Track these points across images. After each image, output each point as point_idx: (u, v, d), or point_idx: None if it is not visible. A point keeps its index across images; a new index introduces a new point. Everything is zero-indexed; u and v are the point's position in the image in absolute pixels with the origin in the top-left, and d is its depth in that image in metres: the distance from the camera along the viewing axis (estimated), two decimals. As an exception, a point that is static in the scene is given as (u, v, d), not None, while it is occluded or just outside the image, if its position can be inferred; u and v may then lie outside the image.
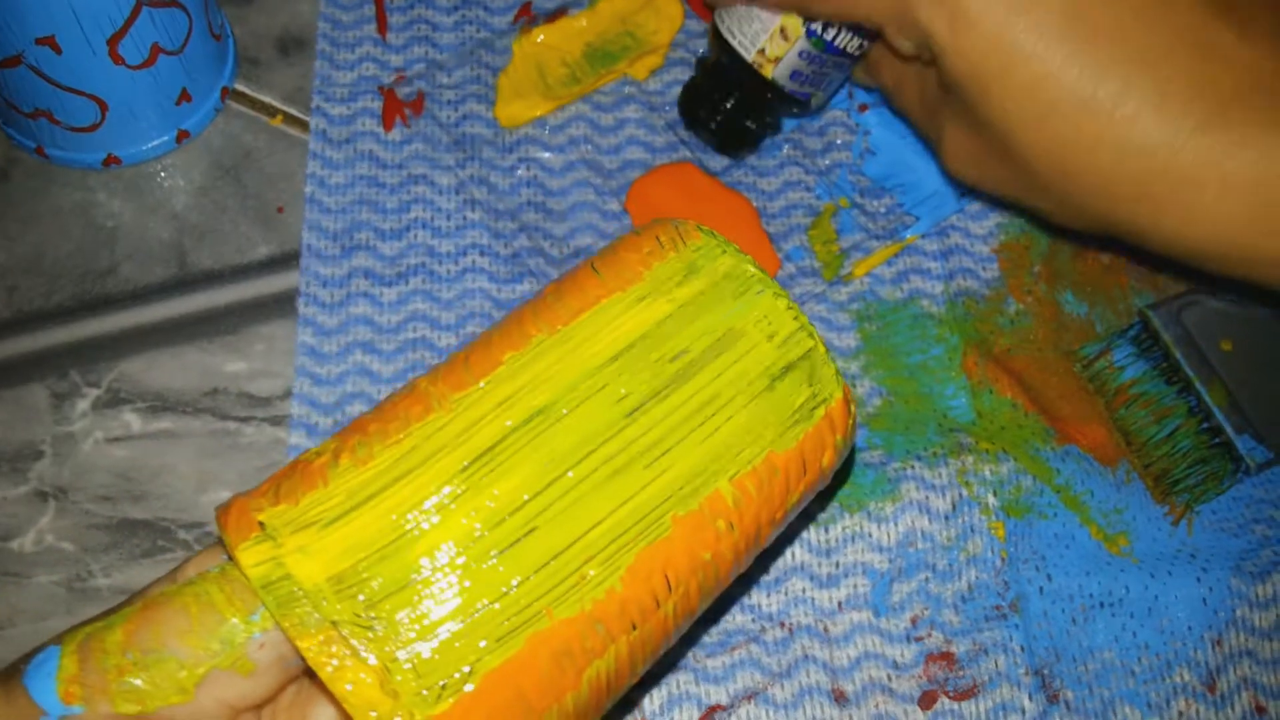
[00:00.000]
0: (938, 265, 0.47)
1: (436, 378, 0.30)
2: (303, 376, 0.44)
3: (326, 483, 0.27)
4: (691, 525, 0.29)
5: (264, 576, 0.26)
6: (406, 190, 0.47)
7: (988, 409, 0.44)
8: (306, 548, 0.26)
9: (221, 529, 0.27)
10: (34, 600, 0.41)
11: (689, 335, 0.30)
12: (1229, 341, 0.43)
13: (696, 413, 0.29)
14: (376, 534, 0.27)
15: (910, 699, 0.41)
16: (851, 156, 0.48)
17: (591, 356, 0.29)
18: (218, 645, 0.27)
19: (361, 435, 0.29)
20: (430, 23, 0.50)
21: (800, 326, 0.31)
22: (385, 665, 0.25)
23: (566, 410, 0.29)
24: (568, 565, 0.27)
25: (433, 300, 0.45)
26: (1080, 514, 0.43)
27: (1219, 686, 0.41)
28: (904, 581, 0.42)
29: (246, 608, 0.27)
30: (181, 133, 0.47)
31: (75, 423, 0.43)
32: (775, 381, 0.30)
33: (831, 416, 0.31)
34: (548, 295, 0.32)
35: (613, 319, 0.30)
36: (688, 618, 0.30)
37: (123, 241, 0.46)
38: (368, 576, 0.26)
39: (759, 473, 0.30)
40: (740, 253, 0.32)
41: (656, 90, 0.49)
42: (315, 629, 0.25)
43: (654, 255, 0.32)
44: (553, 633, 0.27)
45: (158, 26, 0.42)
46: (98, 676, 0.26)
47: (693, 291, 0.31)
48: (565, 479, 0.28)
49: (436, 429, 0.28)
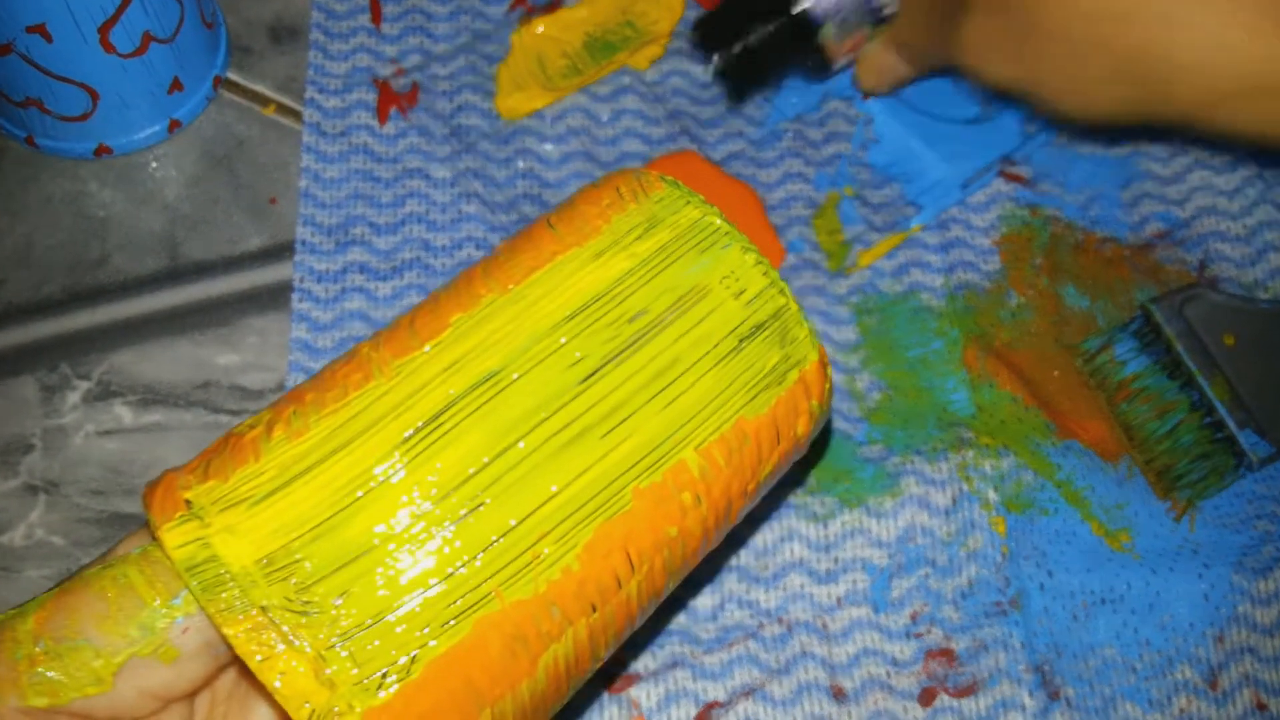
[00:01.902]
0: (938, 258, 0.46)
1: (379, 343, 0.28)
2: (296, 371, 0.43)
3: (258, 457, 0.25)
4: (654, 498, 0.27)
5: (188, 558, 0.24)
6: (402, 184, 0.46)
7: (988, 403, 0.44)
8: (235, 527, 0.24)
9: (146, 507, 0.25)
10: (24, 595, 0.40)
11: (650, 293, 0.28)
12: (1231, 336, 0.43)
13: (658, 377, 0.27)
14: (310, 511, 0.25)
15: (910, 696, 0.40)
16: (851, 148, 0.48)
17: (544, 317, 0.27)
18: (136, 631, 0.25)
19: (298, 405, 0.27)
20: (425, 12, 0.49)
21: (770, 283, 0.29)
22: (319, 653, 0.23)
23: (517, 375, 0.27)
24: (519, 543, 0.25)
25: (428, 294, 0.45)
26: (1081, 509, 0.43)
27: (1220, 683, 0.41)
28: (904, 577, 0.41)
29: (169, 591, 0.25)
30: (173, 122, 0.46)
31: (66, 415, 0.43)
32: (744, 342, 0.28)
33: (806, 380, 0.29)
34: (500, 253, 0.30)
35: (568, 276, 0.28)
36: (653, 599, 0.29)
37: (114, 232, 0.45)
38: (300, 558, 0.24)
39: (727, 441, 0.28)
40: (706, 203, 0.30)
41: (655, 80, 0.48)
42: (243, 614, 0.23)
43: (613, 208, 0.30)
44: (504, 616, 0.25)
45: (149, 14, 0.42)
46: (8, 668, 0.24)
47: (654, 245, 0.29)
48: (516, 449, 0.26)
49: (376, 397, 0.26)
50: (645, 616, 0.29)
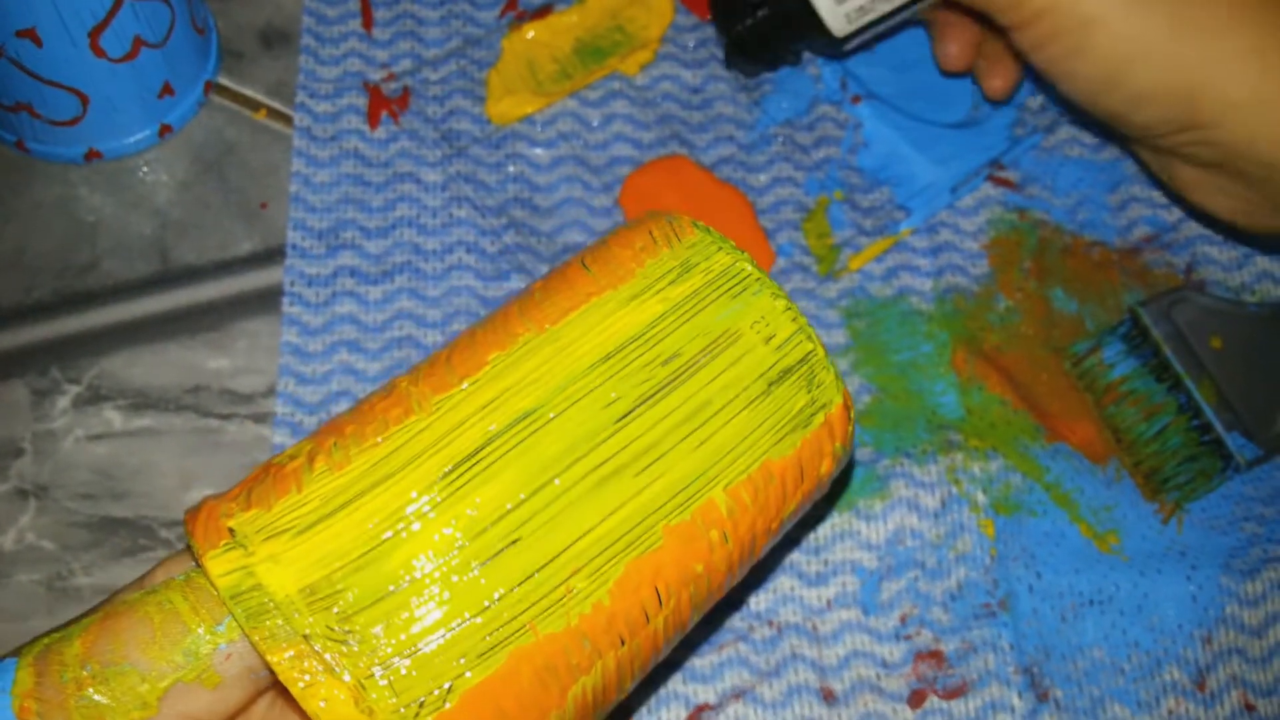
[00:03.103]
0: (927, 262, 0.46)
1: (418, 377, 0.29)
2: (287, 375, 0.43)
3: (300, 488, 0.26)
4: (683, 536, 0.28)
5: (233, 586, 0.25)
6: (392, 188, 0.46)
7: (977, 406, 0.44)
8: (278, 556, 0.25)
9: (190, 534, 0.26)
10: (14, 599, 0.40)
11: (683, 337, 0.29)
12: (1219, 339, 0.43)
13: (690, 418, 0.28)
14: (352, 543, 0.25)
15: (899, 697, 0.40)
16: (841, 152, 0.48)
17: (581, 357, 0.28)
18: (181, 657, 0.25)
19: (338, 437, 0.27)
20: (416, 18, 0.49)
21: (799, 329, 0.30)
22: (359, 681, 0.24)
23: (554, 414, 0.27)
24: (553, 578, 0.26)
25: (419, 298, 0.45)
26: (1070, 511, 0.43)
27: (1208, 684, 0.41)
28: (893, 580, 0.42)
29: (212, 617, 0.26)
30: (164, 127, 0.46)
31: (56, 420, 0.43)
32: (772, 386, 0.29)
33: (831, 423, 0.30)
34: (536, 292, 0.30)
35: (603, 318, 0.29)
36: (678, 631, 0.29)
37: (104, 237, 0.45)
38: (342, 588, 0.25)
39: (754, 481, 0.29)
40: (737, 249, 0.31)
41: (645, 85, 0.49)
42: (286, 642, 0.24)
43: (647, 251, 0.31)
44: (537, 648, 0.26)
45: (140, 19, 0.42)
46: (55, 691, 0.25)
47: (687, 290, 0.30)
48: (551, 487, 0.27)
49: (416, 432, 0.27)
50: (670, 649, 0.30)
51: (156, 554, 0.41)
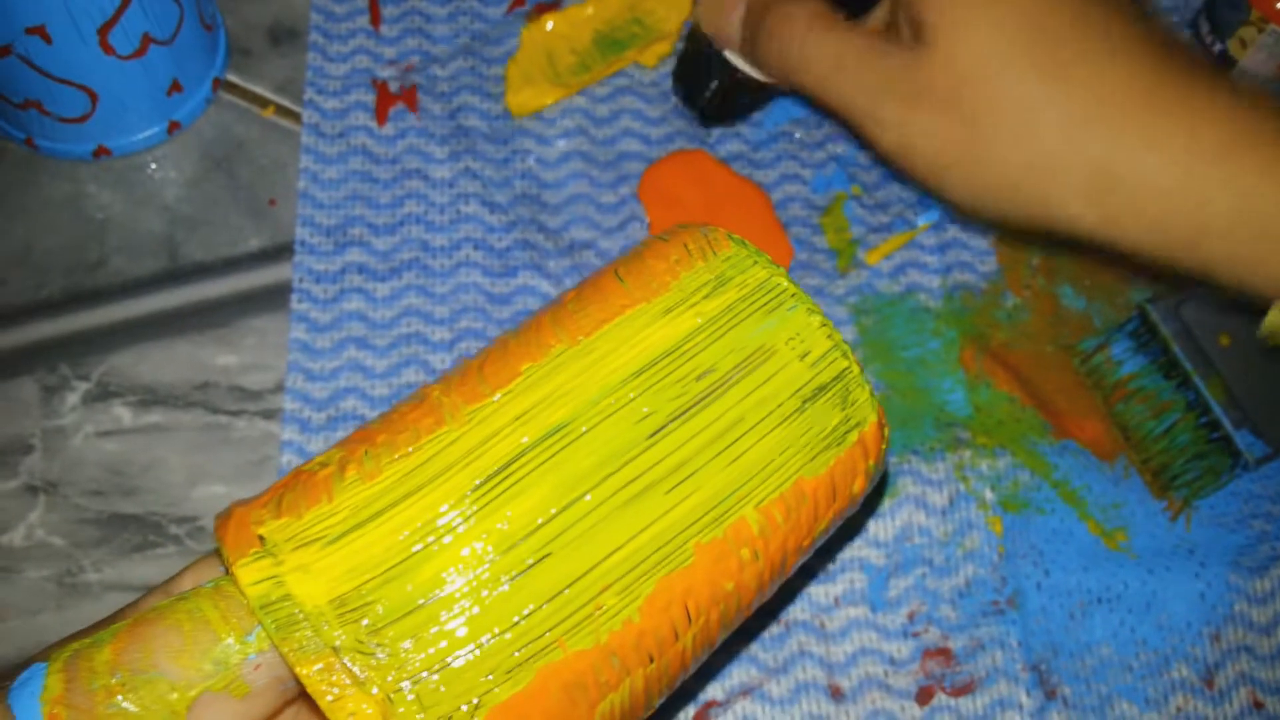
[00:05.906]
0: (935, 259, 0.46)
1: (449, 387, 0.28)
2: (295, 372, 0.43)
3: (331, 497, 0.26)
4: (714, 554, 0.27)
5: (263, 596, 0.24)
6: (400, 184, 0.46)
7: (985, 403, 0.44)
8: (309, 566, 0.25)
9: (219, 541, 0.26)
10: (24, 596, 0.40)
11: (717, 352, 0.28)
12: (1227, 336, 0.43)
13: (723, 435, 0.28)
14: (383, 554, 0.25)
15: (907, 695, 0.40)
16: (850, 149, 0.48)
17: (614, 371, 0.28)
18: (211, 666, 0.25)
19: (369, 446, 0.27)
20: (423, 14, 0.49)
21: (834, 346, 0.30)
22: (388, 695, 0.24)
23: (586, 428, 0.27)
24: (583, 594, 0.26)
25: (427, 295, 0.45)
26: (1078, 509, 0.43)
27: (1217, 682, 0.41)
28: (901, 577, 0.42)
29: (242, 627, 0.25)
30: (172, 124, 0.46)
31: (65, 416, 0.43)
32: (807, 404, 0.29)
33: (865, 442, 0.30)
34: (568, 302, 0.30)
35: (637, 331, 0.29)
36: (707, 649, 0.29)
37: (113, 234, 0.46)
38: (372, 600, 0.25)
39: (786, 500, 0.28)
40: (772, 264, 0.30)
41: (653, 81, 0.49)
42: (316, 654, 0.24)
43: (681, 264, 0.30)
44: (565, 665, 0.25)
45: (149, 16, 0.42)
46: (84, 698, 0.24)
47: (722, 305, 0.29)
48: (583, 502, 0.26)
49: (448, 443, 0.27)
50: (698, 666, 0.30)
51: (166, 550, 0.41)
